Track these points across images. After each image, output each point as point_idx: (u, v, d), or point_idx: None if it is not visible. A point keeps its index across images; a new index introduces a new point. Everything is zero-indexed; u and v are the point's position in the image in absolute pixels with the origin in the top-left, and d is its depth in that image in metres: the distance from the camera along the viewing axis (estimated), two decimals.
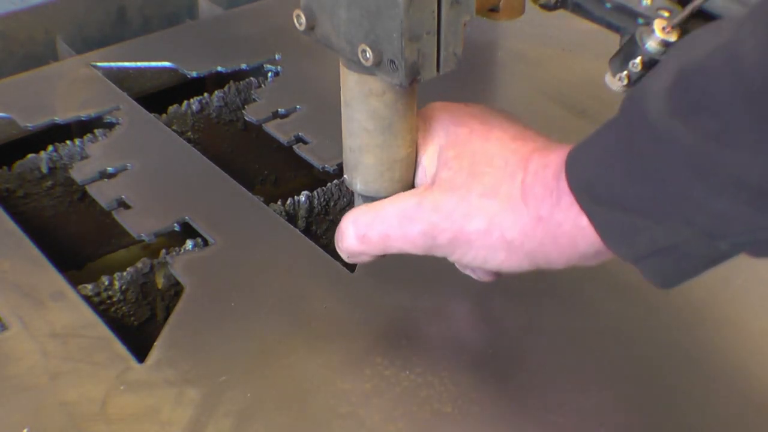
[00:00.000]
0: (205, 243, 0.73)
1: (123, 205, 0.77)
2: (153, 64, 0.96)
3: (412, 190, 0.60)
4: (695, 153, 0.46)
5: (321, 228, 0.82)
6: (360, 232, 0.60)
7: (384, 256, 0.61)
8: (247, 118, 0.88)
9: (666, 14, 0.59)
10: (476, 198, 0.57)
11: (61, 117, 0.87)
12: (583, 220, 0.53)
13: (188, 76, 0.95)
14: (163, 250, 0.72)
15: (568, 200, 0.54)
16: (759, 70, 0.43)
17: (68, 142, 0.86)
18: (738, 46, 0.45)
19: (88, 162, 0.81)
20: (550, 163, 0.56)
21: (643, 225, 0.50)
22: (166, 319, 0.67)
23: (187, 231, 0.75)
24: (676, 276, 0.52)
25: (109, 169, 0.80)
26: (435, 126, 0.61)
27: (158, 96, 0.95)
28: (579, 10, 0.68)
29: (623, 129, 0.51)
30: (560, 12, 0.70)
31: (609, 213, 0.52)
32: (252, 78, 0.96)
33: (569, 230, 0.54)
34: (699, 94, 0.46)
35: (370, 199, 0.63)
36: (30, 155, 0.86)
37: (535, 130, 0.60)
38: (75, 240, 0.89)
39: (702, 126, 0.46)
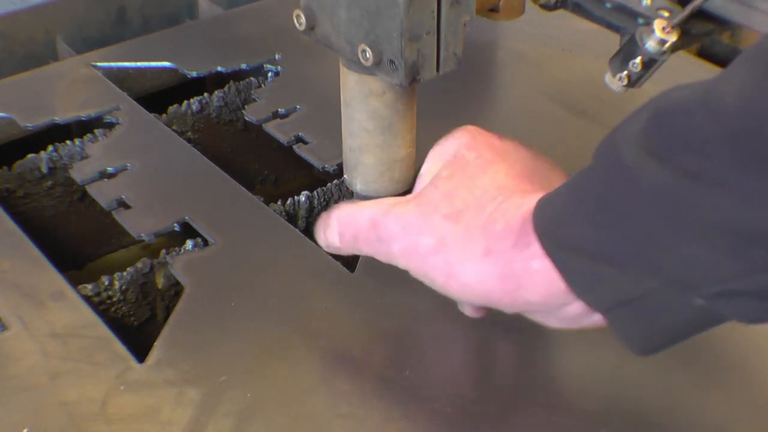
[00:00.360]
0: (205, 243, 0.73)
1: (123, 205, 0.77)
2: (153, 64, 0.95)
3: (395, 198, 0.60)
4: (669, 193, 0.45)
5: None
6: (340, 229, 0.61)
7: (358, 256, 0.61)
8: (247, 118, 0.88)
9: (666, 14, 0.59)
10: (438, 218, 0.57)
11: (61, 117, 0.87)
12: (535, 264, 0.52)
13: (188, 76, 0.95)
14: (163, 250, 0.72)
15: (525, 241, 0.53)
16: (739, 109, 0.42)
17: (68, 142, 0.86)
18: (716, 87, 0.44)
19: (88, 162, 0.81)
20: (524, 204, 0.55)
21: (608, 273, 0.49)
22: (166, 319, 0.67)
23: (187, 231, 0.75)
24: (649, 337, 0.50)
25: (109, 169, 0.80)
26: (449, 144, 0.60)
27: (158, 96, 0.95)
28: (579, 10, 0.68)
29: (595, 172, 0.50)
30: (560, 12, 0.70)
31: (574, 259, 0.50)
32: (252, 78, 0.96)
33: (517, 271, 0.53)
34: (676, 133, 0.45)
35: (369, 199, 0.63)
36: (30, 155, 0.86)
37: (559, 179, 0.58)
38: (75, 240, 0.89)
39: (679, 165, 0.44)
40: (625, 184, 0.47)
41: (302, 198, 0.80)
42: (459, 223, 0.56)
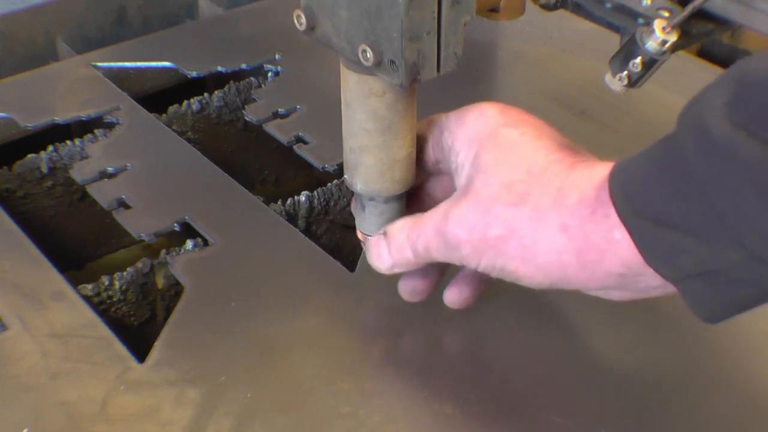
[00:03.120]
0: (205, 243, 0.73)
1: (123, 205, 0.77)
2: (153, 64, 0.96)
3: (448, 201, 0.59)
4: (758, 167, 0.44)
5: (321, 228, 0.82)
6: (411, 244, 0.60)
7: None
8: (247, 118, 0.88)
9: (666, 14, 0.59)
10: (501, 207, 0.55)
11: (61, 117, 0.87)
12: (617, 233, 0.51)
13: (188, 76, 0.95)
14: (163, 250, 0.72)
15: (603, 212, 0.52)
16: None
17: (68, 142, 0.86)
18: None
19: (88, 162, 0.81)
20: (594, 175, 0.53)
21: (689, 244, 0.48)
22: (166, 319, 0.67)
23: (187, 231, 0.75)
24: (720, 306, 0.50)
25: (109, 169, 0.80)
26: (478, 124, 0.59)
27: (158, 96, 0.95)
28: (579, 10, 0.68)
29: (676, 142, 0.48)
30: (560, 12, 0.70)
31: (652, 228, 0.49)
32: (252, 78, 0.96)
33: (597, 243, 0.52)
34: (766, 104, 0.44)
35: (370, 199, 0.63)
36: (30, 155, 0.86)
37: (583, 147, 0.58)
38: (75, 240, 0.89)
39: None
40: (712, 157, 0.46)
41: (302, 198, 0.80)
42: (526, 205, 0.54)
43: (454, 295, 0.65)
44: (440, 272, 0.65)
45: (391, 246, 0.61)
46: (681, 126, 0.48)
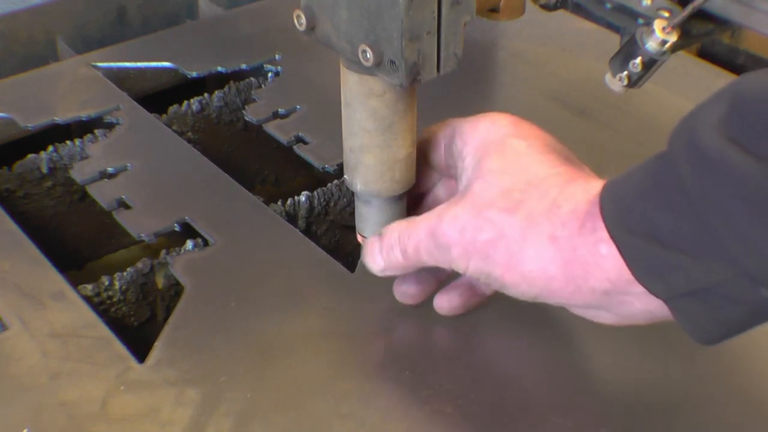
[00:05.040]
0: (205, 243, 0.73)
1: (123, 205, 0.77)
2: (153, 64, 0.96)
3: (445, 204, 0.59)
4: (753, 182, 0.43)
5: (321, 228, 0.82)
6: (402, 246, 0.60)
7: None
8: (247, 119, 0.88)
9: (666, 14, 0.59)
10: (495, 212, 0.55)
11: (61, 117, 0.87)
12: (603, 248, 0.51)
13: (188, 77, 0.95)
14: (163, 250, 0.72)
15: (591, 225, 0.51)
16: None
17: (68, 142, 0.86)
18: None
19: (89, 162, 0.81)
20: (590, 189, 0.53)
21: (680, 261, 0.47)
22: (166, 319, 0.67)
23: (187, 231, 0.75)
24: (714, 327, 0.49)
25: (109, 169, 0.80)
26: (489, 133, 0.59)
27: (158, 96, 0.95)
28: (579, 10, 0.68)
29: (669, 158, 0.48)
30: (560, 12, 0.70)
31: (642, 245, 0.48)
32: (252, 78, 0.96)
33: (583, 257, 0.52)
34: (763, 122, 0.43)
35: (370, 199, 0.63)
36: (30, 155, 0.86)
37: (590, 171, 0.57)
38: (75, 240, 0.89)
39: (765, 153, 0.43)
40: (706, 172, 0.45)
41: (302, 198, 0.80)
42: (519, 212, 0.54)
43: (443, 302, 0.64)
44: (437, 281, 0.65)
45: (384, 246, 0.61)
46: (674, 142, 0.48)
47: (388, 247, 0.61)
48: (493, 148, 0.58)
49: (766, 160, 0.43)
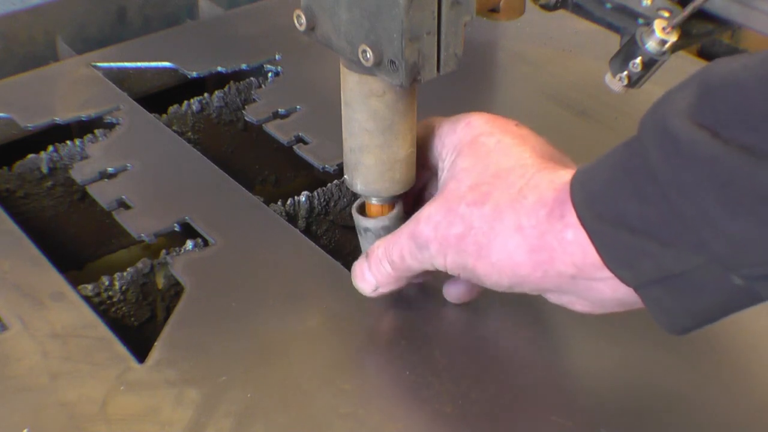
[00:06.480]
0: (205, 243, 0.73)
1: (123, 205, 0.77)
2: (153, 64, 0.96)
3: (423, 207, 0.60)
4: (722, 167, 0.43)
5: (321, 228, 0.82)
6: (388, 257, 0.61)
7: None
8: (247, 119, 0.88)
9: (666, 14, 0.59)
10: (464, 206, 0.56)
11: (61, 117, 0.87)
12: (569, 234, 0.51)
13: (188, 77, 0.95)
14: (164, 250, 0.72)
15: (559, 212, 0.52)
16: None
17: (68, 142, 0.86)
18: None
19: (89, 162, 0.81)
20: (556, 179, 0.54)
21: (649, 248, 0.47)
22: (166, 319, 0.67)
23: (187, 231, 0.75)
24: (683, 315, 0.49)
25: (109, 170, 0.80)
26: (463, 133, 0.60)
27: (158, 96, 0.95)
28: (579, 10, 0.68)
29: (639, 144, 0.48)
30: (560, 12, 0.70)
31: (611, 231, 0.49)
32: (252, 78, 0.96)
33: (549, 242, 0.52)
34: (730, 107, 0.44)
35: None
36: (30, 155, 0.86)
37: (574, 166, 0.57)
38: (75, 240, 0.89)
39: (733, 138, 0.43)
40: (675, 158, 0.45)
41: (302, 198, 0.80)
42: (486, 204, 0.56)
43: (451, 290, 0.66)
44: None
45: (372, 264, 0.62)
46: (644, 128, 0.48)
47: (376, 262, 0.62)
48: (465, 148, 0.59)
49: (734, 144, 0.43)
